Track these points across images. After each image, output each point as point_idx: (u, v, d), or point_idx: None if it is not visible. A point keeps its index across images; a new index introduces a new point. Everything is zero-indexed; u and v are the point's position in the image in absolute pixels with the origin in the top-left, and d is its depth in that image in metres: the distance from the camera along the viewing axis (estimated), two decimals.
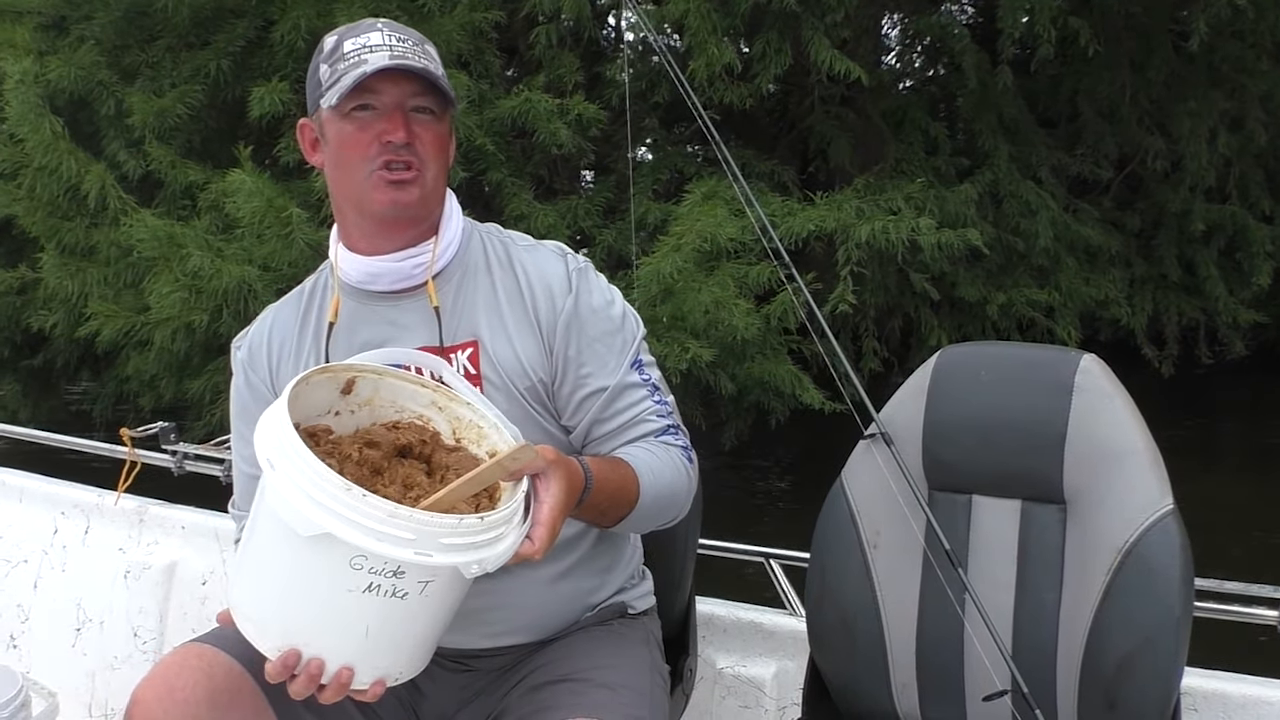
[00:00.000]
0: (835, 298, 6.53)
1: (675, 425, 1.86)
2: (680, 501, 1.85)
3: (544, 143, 6.78)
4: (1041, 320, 7.98)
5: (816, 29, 6.91)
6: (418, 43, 1.77)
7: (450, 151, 1.84)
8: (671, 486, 1.81)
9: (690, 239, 6.12)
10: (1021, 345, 2.07)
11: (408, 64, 1.71)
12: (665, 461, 1.81)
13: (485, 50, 7.14)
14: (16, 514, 3.38)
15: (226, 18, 7.12)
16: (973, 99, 8.17)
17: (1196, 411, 8.88)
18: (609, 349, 1.83)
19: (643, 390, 1.84)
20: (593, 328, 1.82)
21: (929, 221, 6.73)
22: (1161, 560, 1.81)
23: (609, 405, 1.83)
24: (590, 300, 1.82)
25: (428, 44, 1.79)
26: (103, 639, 3.09)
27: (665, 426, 1.85)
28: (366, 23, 1.79)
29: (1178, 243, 9.10)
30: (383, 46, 1.73)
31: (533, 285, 1.83)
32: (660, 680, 1.89)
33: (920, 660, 2.00)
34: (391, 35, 1.75)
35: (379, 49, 1.72)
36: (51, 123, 6.57)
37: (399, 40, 1.74)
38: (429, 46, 1.79)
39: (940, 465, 2.00)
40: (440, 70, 1.77)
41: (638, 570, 2.03)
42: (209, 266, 5.96)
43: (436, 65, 1.77)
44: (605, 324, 1.83)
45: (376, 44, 1.73)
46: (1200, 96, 8.78)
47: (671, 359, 5.88)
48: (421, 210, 1.80)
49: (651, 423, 1.84)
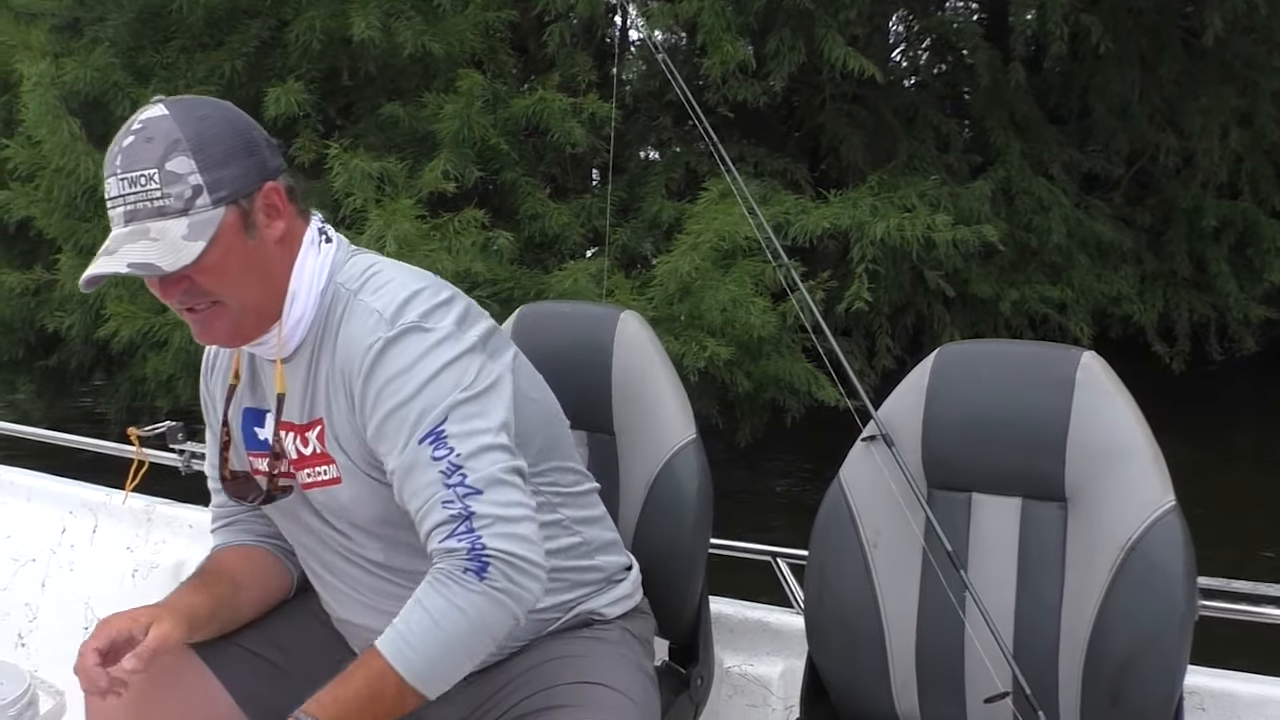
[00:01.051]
0: (851, 295, 6.54)
1: (467, 514, 1.61)
2: (486, 636, 1.64)
3: (558, 142, 6.79)
4: (1054, 317, 7.98)
5: (830, 26, 6.91)
6: (142, 199, 1.60)
7: (250, 254, 1.67)
8: (451, 640, 1.61)
9: (708, 237, 6.12)
10: (1020, 343, 2.08)
11: (111, 272, 1.59)
12: (432, 611, 1.60)
13: (499, 49, 7.15)
14: (24, 513, 3.39)
15: (240, 18, 7.13)
16: (985, 96, 8.17)
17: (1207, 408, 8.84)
18: (400, 424, 1.65)
19: (432, 471, 1.63)
20: (384, 402, 1.66)
21: (945, 218, 6.74)
22: (1164, 557, 1.80)
23: (401, 489, 1.67)
24: (385, 370, 1.67)
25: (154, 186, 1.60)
26: None
27: (453, 517, 1.62)
28: (115, 145, 1.63)
29: (1188, 239, 9.08)
30: (115, 211, 1.62)
31: (347, 357, 1.70)
32: (646, 679, 1.88)
33: (920, 659, 1.99)
34: (121, 184, 1.61)
35: (115, 213, 1.62)
36: (69, 124, 6.58)
37: (124, 201, 1.61)
38: (152, 191, 1.60)
39: (939, 463, 1.99)
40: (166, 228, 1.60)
41: (605, 579, 1.96)
42: None
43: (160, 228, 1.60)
44: (396, 396, 1.65)
45: (114, 197, 1.62)
46: (1212, 93, 8.77)
47: (689, 357, 5.89)
48: (240, 333, 1.73)
49: (436, 514, 1.63)
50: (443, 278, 1.83)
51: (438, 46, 6.62)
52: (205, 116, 1.64)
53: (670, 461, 2.16)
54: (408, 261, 1.83)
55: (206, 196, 1.61)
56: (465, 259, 6.05)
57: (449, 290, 1.77)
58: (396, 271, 1.76)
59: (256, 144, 1.69)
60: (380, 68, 6.95)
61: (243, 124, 1.69)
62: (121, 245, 1.60)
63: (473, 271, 6.07)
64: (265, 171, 1.69)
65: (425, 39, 6.59)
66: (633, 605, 2.00)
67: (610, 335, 2.24)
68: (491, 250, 6.34)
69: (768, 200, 6.63)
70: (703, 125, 2.55)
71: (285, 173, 1.74)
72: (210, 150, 1.62)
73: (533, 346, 2.27)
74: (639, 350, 2.23)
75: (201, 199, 1.61)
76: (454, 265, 5.95)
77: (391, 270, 1.76)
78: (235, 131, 1.66)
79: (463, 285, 6.14)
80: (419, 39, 6.57)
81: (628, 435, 2.22)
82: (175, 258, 1.59)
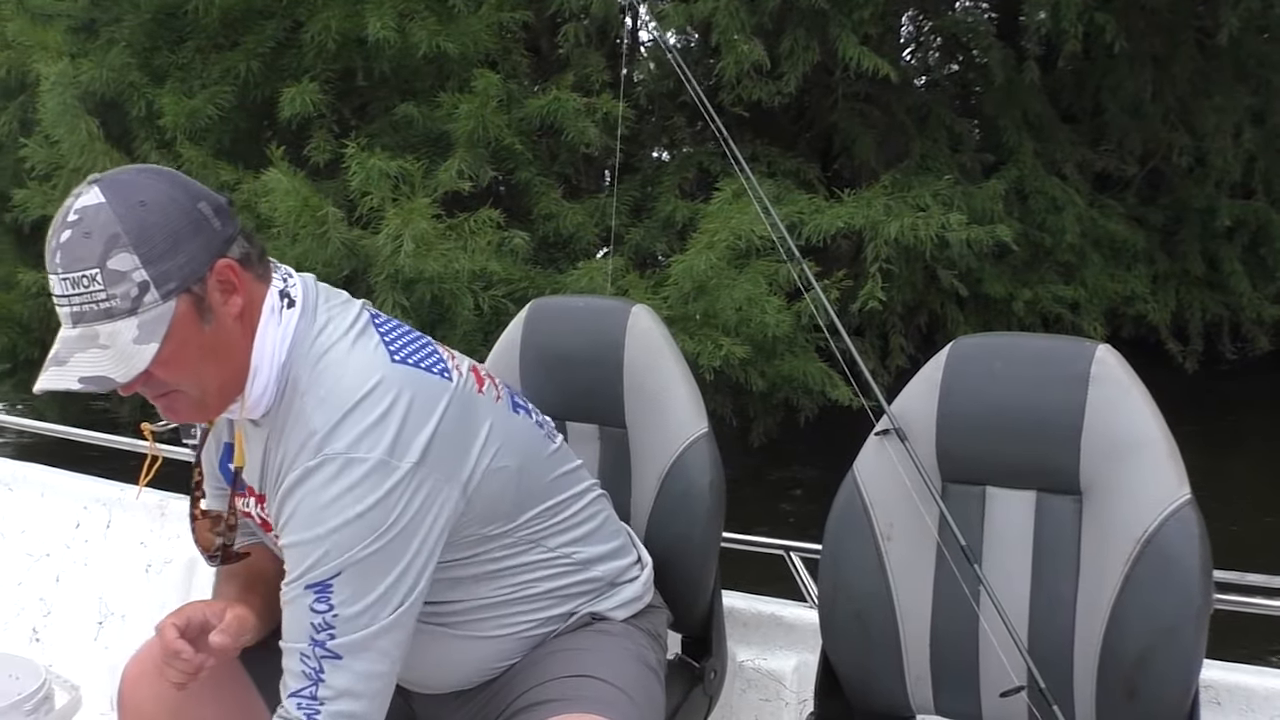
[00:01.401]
0: (865, 294, 6.54)
1: (316, 680, 1.59)
2: None
3: (573, 142, 6.80)
4: (1067, 316, 7.97)
5: (844, 26, 6.91)
6: (87, 300, 1.52)
7: (207, 340, 1.59)
8: None
9: (724, 236, 6.12)
10: (1034, 336, 2.06)
11: (64, 388, 1.53)
12: None
13: (513, 50, 7.16)
14: (39, 508, 3.41)
15: (255, 19, 7.15)
16: (998, 95, 8.16)
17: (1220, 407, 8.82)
18: (295, 559, 1.60)
19: (305, 620, 1.59)
20: (289, 530, 1.61)
21: (959, 217, 6.74)
22: (1180, 550, 1.79)
23: (281, 608, 1.64)
24: (299, 499, 1.60)
25: (98, 287, 1.51)
26: (125, 632, 3.12)
27: (304, 674, 1.59)
28: (53, 238, 1.54)
29: (1201, 238, 9.06)
30: (62, 311, 1.55)
31: (281, 465, 1.64)
32: (647, 670, 1.88)
33: (934, 653, 1.99)
34: (64, 284, 1.53)
35: (61, 312, 1.55)
36: (87, 123, 6.61)
37: (69, 302, 1.53)
38: (97, 293, 1.51)
39: (953, 457, 1.97)
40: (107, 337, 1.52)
41: (608, 583, 1.94)
42: None
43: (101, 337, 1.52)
44: (300, 531, 1.59)
45: (58, 296, 1.55)
46: (1225, 92, 8.76)
47: (705, 356, 5.90)
48: (206, 412, 1.68)
49: (291, 662, 1.61)
50: (460, 277, 1.78)
51: (452, 46, 6.63)
52: (145, 202, 1.52)
53: (682, 455, 2.15)
54: (424, 262, 1.80)
55: (154, 292, 1.52)
56: (481, 258, 6.06)
57: (395, 391, 1.62)
58: (348, 363, 1.64)
59: (203, 220, 1.57)
60: (394, 68, 6.96)
61: (185, 200, 1.56)
62: (72, 354, 1.53)
63: (488, 271, 6.09)
64: (215, 248, 1.58)
65: (440, 39, 6.60)
66: (642, 607, 1.98)
67: (622, 329, 2.24)
68: (506, 250, 6.36)
69: (782, 200, 6.64)
70: (715, 125, 2.55)
71: (239, 237, 1.63)
72: (153, 241, 1.51)
73: (544, 341, 2.28)
74: (651, 344, 2.22)
75: (149, 295, 1.51)
76: (470, 264, 5.97)
77: (341, 361, 1.64)
78: (179, 211, 1.54)
79: (479, 284, 6.17)
80: (433, 39, 6.59)
81: (639, 429, 2.22)
82: (128, 367, 1.52)
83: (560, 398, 2.29)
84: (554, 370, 2.31)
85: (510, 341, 2.37)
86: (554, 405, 2.27)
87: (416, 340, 1.73)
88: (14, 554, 3.38)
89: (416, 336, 1.75)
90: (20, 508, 3.44)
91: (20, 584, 3.34)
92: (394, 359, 1.65)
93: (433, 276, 5.93)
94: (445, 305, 6.12)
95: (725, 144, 2.47)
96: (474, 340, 6.07)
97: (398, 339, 1.70)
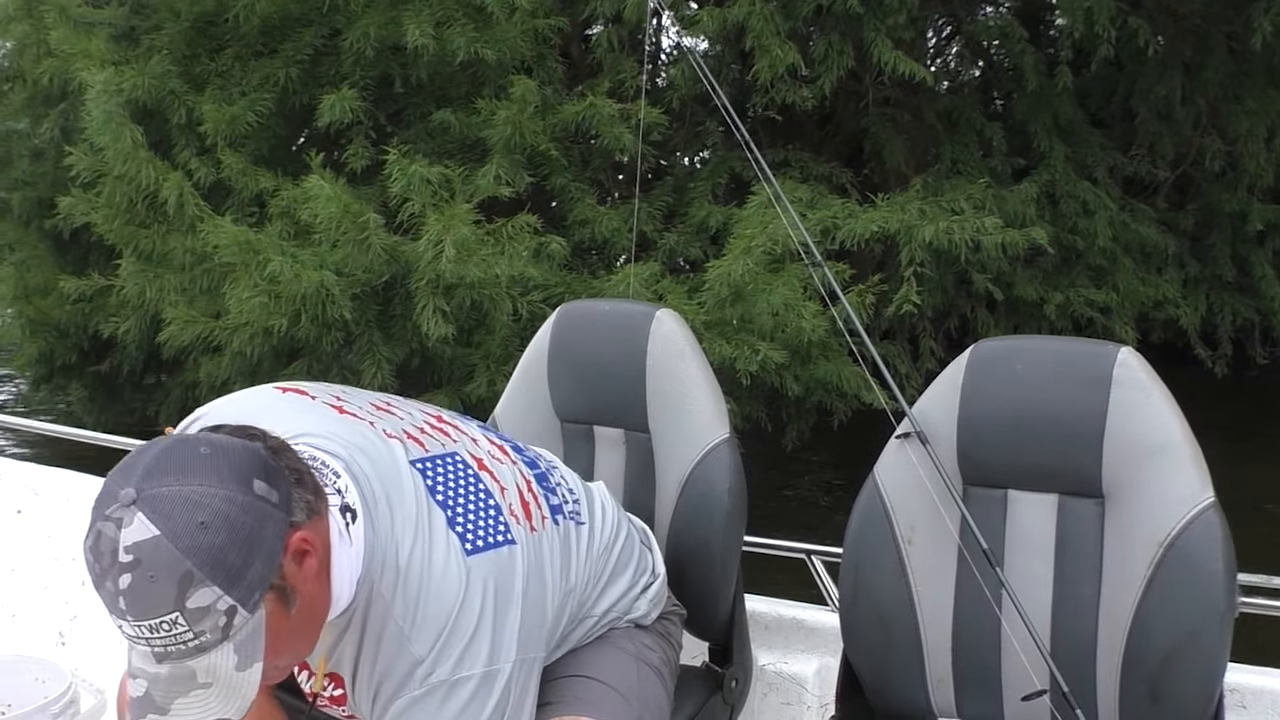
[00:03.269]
0: (900, 298, 6.54)
1: None
2: None
3: (607, 147, 6.82)
4: (1099, 320, 7.95)
5: (878, 30, 6.91)
6: (172, 642, 1.36)
7: (295, 620, 1.47)
8: None
9: (761, 241, 6.13)
10: (1056, 339, 2.06)
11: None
12: None
13: (547, 56, 7.19)
14: (64, 512, 3.41)
15: (294, 26, 7.21)
16: (1029, 100, 8.16)
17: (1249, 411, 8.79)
18: None
19: None
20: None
21: (995, 221, 6.74)
22: (1204, 553, 1.79)
23: None
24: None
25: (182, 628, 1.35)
26: None
27: None
28: (108, 578, 1.37)
29: (1232, 243, 9.04)
30: (138, 650, 1.40)
31: (378, 686, 1.59)
32: (649, 671, 1.88)
33: (956, 656, 1.99)
34: (139, 629, 1.37)
35: (137, 650, 1.41)
36: (132, 132, 6.67)
37: (149, 644, 1.38)
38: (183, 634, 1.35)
39: (975, 460, 1.98)
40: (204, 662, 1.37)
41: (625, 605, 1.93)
42: (287, 271, 6.04)
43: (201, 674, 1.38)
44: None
45: (133, 637, 1.39)
46: (1257, 96, 8.71)
47: (741, 361, 5.91)
48: (300, 661, 1.62)
49: None
50: (499, 283, 1.77)
51: (490, 53, 6.66)
52: (204, 523, 1.34)
53: (703, 460, 2.14)
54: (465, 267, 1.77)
55: (242, 612, 1.37)
56: (519, 264, 6.09)
57: (480, 590, 1.59)
58: (431, 574, 1.57)
59: (264, 507, 1.39)
60: (430, 75, 7.01)
61: (240, 494, 1.37)
62: (171, 700, 1.38)
63: (526, 276, 6.12)
64: (284, 529, 1.41)
65: (478, 46, 6.64)
66: (653, 620, 1.98)
67: (645, 333, 2.24)
68: (544, 255, 6.38)
69: (815, 205, 6.63)
70: (740, 133, 2.55)
71: (294, 490, 1.46)
72: (228, 564, 1.35)
73: (571, 346, 2.29)
74: (674, 348, 2.22)
75: (239, 617, 1.37)
76: (509, 270, 6.00)
77: (424, 573, 1.57)
78: (239, 513, 1.36)
79: (516, 290, 6.18)
80: (471, 45, 6.62)
81: (662, 433, 2.22)
82: (241, 698, 1.40)
83: (587, 403, 2.31)
84: (581, 375, 2.32)
85: (540, 347, 2.37)
86: (581, 410, 2.29)
87: (475, 500, 1.66)
88: (41, 558, 3.38)
89: (470, 489, 1.67)
90: (45, 512, 3.44)
91: (46, 588, 3.34)
92: (468, 551, 1.60)
93: (473, 282, 5.96)
94: (484, 311, 6.16)
95: (748, 149, 2.47)
96: (511, 345, 6.10)
97: (461, 512, 1.63)
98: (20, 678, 2.56)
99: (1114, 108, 9.05)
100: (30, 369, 8.67)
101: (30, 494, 3.49)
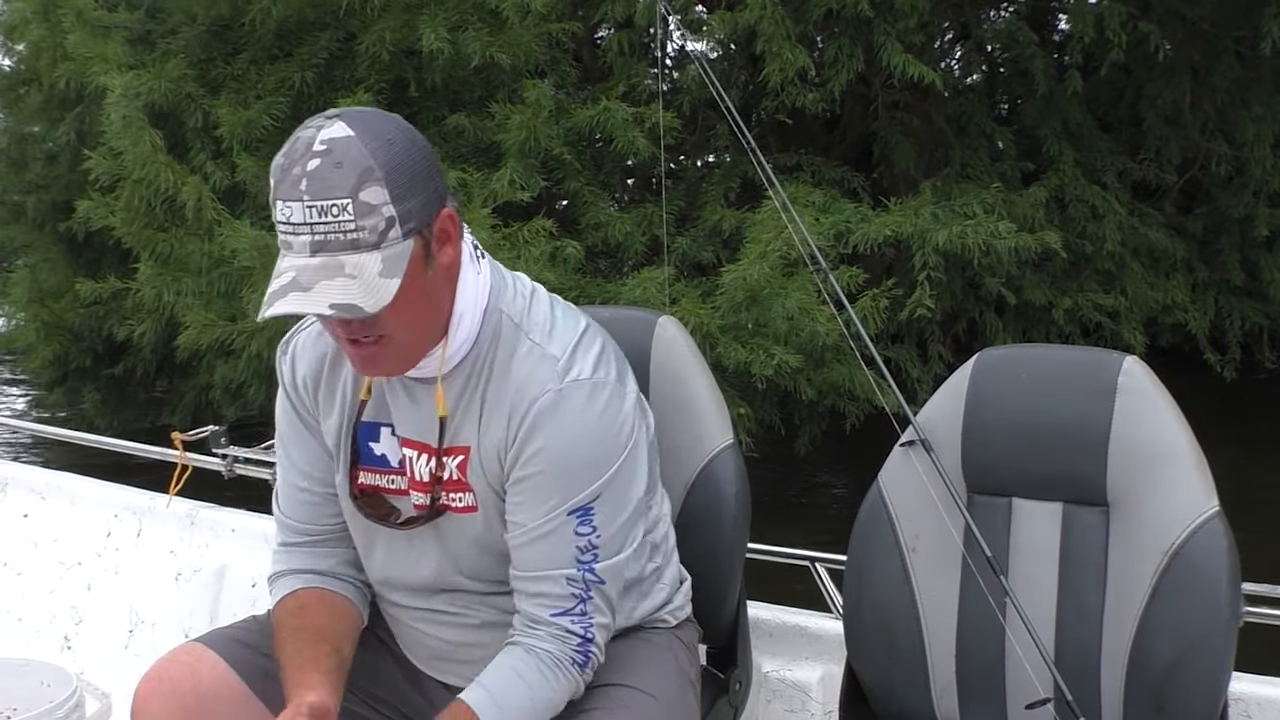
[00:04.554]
0: (913, 302, 6.55)
1: (585, 598, 1.69)
2: (557, 708, 1.71)
3: (622, 151, 6.82)
4: (1108, 324, 7.94)
5: (889, 34, 6.90)
6: (334, 230, 1.50)
7: (427, 285, 1.61)
8: (539, 717, 1.68)
9: (777, 245, 6.13)
10: (1062, 347, 2.07)
11: (309, 311, 1.53)
12: (533, 690, 1.66)
13: (561, 60, 7.20)
14: (70, 517, 3.41)
15: (309, 30, 7.23)
16: (1039, 104, 8.18)
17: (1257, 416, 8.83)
18: (552, 489, 1.66)
19: (570, 546, 1.68)
20: (543, 460, 1.66)
21: (1009, 225, 6.75)
22: (1209, 562, 1.80)
23: (524, 546, 1.70)
24: (553, 428, 1.65)
25: (347, 217, 1.50)
26: (155, 640, 3.10)
27: (573, 596, 1.69)
28: (296, 165, 1.52)
29: (1240, 247, 9.06)
30: (298, 239, 1.52)
31: (516, 398, 1.67)
32: (687, 684, 1.89)
33: (960, 665, 2.00)
34: (309, 211, 1.50)
35: (297, 240, 1.52)
36: (151, 136, 6.68)
37: (312, 230, 1.51)
38: (346, 223, 1.50)
39: (979, 468, 1.99)
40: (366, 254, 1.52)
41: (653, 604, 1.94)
42: None
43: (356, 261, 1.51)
44: (557, 461, 1.65)
45: (297, 224, 1.51)
46: (1265, 102, 8.73)
47: (756, 365, 5.92)
48: (405, 365, 1.68)
49: (556, 587, 1.68)
50: None
51: (505, 57, 6.67)
52: (393, 141, 1.54)
53: (707, 466, 2.13)
54: None
55: (398, 229, 1.53)
56: (536, 268, 6.09)
57: (601, 334, 1.77)
58: (554, 304, 1.77)
59: (434, 167, 1.60)
60: (445, 79, 7.02)
61: (423, 146, 1.60)
62: (317, 281, 1.50)
63: (544, 280, 6.10)
64: (442, 195, 1.61)
65: (493, 50, 6.64)
66: (685, 616, 2.00)
67: (648, 340, 2.20)
68: (560, 259, 6.39)
69: (828, 209, 6.62)
70: (745, 139, 2.54)
71: (451, 193, 1.66)
72: (400, 179, 1.53)
73: None
74: (676, 355, 2.19)
75: (394, 232, 1.53)
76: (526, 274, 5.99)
77: (547, 301, 1.77)
78: (419, 154, 1.57)
79: None
80: (486, 49, 6.63)
81: (665, 441, 2.19)
82: (376, 298, 1.51)
83: None
84: None
85: None
86: None
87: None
88: (46, 562, 3.38)
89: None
90: (51, 516, 3.44)
91: (52, 592, 3.34)
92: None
93: None
94: None
95: (753, 154, 2.47)
96: None
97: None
98: (26, 682, 2.56)
99: (1121, 112, 9.08)
100: (44, 372, 8.70)
101: (36, 498, 3.49)
